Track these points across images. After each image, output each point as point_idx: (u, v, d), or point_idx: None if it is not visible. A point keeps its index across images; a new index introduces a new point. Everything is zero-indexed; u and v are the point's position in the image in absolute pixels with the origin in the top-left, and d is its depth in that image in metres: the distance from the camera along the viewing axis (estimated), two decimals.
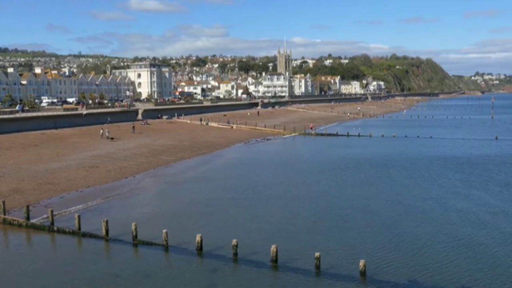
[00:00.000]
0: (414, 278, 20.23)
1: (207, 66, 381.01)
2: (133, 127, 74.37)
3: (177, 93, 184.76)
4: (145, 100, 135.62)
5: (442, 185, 39.64)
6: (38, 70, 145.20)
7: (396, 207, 32.45)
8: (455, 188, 38.43)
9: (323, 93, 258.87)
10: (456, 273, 20.82)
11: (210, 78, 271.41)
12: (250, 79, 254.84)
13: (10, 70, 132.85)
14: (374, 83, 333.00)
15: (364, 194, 36.49)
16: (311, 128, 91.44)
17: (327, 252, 22.64)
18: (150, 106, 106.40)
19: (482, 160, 53.82)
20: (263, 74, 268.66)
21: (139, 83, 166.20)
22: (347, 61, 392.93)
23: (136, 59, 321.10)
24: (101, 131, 66.32)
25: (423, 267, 21.48)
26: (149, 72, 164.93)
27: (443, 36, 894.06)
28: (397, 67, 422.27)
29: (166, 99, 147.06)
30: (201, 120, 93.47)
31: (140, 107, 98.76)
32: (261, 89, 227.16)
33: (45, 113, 74.88)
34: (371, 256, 22.48)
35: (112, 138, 64.27)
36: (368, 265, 20.59)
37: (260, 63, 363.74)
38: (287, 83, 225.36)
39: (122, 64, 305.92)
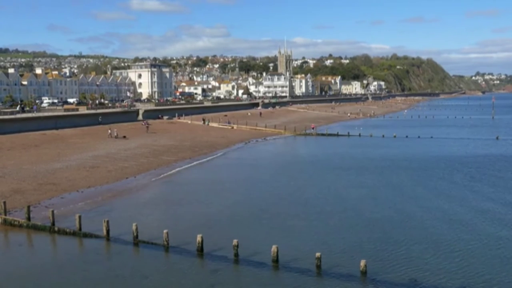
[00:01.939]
0: (415, 278, 20.21)
1: (207, 66, 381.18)
2: (147, 126, 76.19)
3: (178, 94, 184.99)
4: (145, 100, 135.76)
5: (445, 186, 39.59)
6: (38, 71, 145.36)
7: (398, 207, 32.42)
8: (458, 189, 38.33)
9: (323, 93, 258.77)
10: (458, 273, 20.80)
11: (211, 79, 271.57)
12: (250, 79, 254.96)
13: (11, 70, 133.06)
14: (375, 83, 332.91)
15: (366, 194, 36.47)
16: (313, 128, 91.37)
17: (328, 252, 22.62)
18: (151, 106, 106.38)
19: (484, 160, 53.74)
20: (264, 74, 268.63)
21: (140, 84, 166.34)
22: (347, 61, 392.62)
23: (136, 60, 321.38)
24: (109, 131, 67.01)
25: (424, 267, 21.45)
26: (149, 73, 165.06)
27: (445, 36, 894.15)
28: (398, 67, 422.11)
29: (165, 99, 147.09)
30: (203, 120, 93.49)
31: (141, 107, 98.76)
32: (262, 89, 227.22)
33: (46, 114, 74.94)
34: (372, 256, 22.47)
35: (124, 136, 66.34)
36: (369, 265, 20.58)
37: (261, 63, 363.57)
38: (287, 83, 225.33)
39: (122, 64, 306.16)
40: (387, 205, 32.87)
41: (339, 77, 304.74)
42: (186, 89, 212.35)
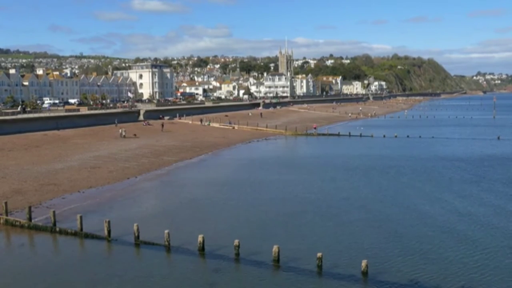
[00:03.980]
0: (416, 279, 20.20)
1: (208, 66, 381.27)
2: (162, 125, 79.36)
3: (179, 94, 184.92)
4: (146, 101, 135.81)
5: (446, 186, 39.52)
6: (40, 71, 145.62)
7: (399, 207, 32.40)
8: (459, 189, 38.24)
9: (324, 93, 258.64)
10: (459, 274, 20.78)
11: (212, 79, 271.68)
12: (251, 80, 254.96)
13: (12, 71, 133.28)
14: (376, 83, 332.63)
15: (367, 194, 36.45)
16: (315, 128, 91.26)
17: (329, 252, 22.60)
18: (152, 106, 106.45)
19: (487, 160, 53.65)
20: (265, 74, 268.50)
21: (141, 84, 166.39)
22: (348, 61, 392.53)
23: (137, 60, 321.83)
24: (120, 130, 68.46)
25: (425, 267, 21.44)
26: (150, 73, 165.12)
27: (447, 36, 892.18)
28: (399, 67, 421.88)
29: (166, 99, 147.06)
30: (201, 120, 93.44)
31: (142, 107, 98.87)
32: (263, 89, 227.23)
33: (47, 114, 74.99)
34: (373, 256, 22.45)
35: (135, 135, 69.19)
36: (370, 265, 20.57)
37: (262, 64, 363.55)
38: (288, 83, 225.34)
39: (123, 65, 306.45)
40: (389, 205, 32.83)
41: (340, 77, 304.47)
42: (187, 90, 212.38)
